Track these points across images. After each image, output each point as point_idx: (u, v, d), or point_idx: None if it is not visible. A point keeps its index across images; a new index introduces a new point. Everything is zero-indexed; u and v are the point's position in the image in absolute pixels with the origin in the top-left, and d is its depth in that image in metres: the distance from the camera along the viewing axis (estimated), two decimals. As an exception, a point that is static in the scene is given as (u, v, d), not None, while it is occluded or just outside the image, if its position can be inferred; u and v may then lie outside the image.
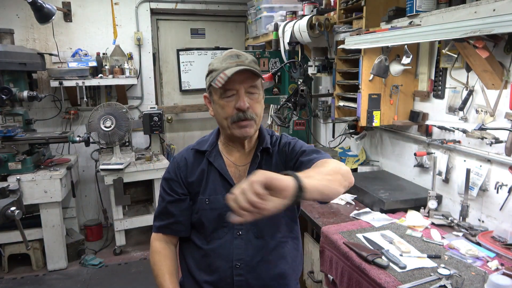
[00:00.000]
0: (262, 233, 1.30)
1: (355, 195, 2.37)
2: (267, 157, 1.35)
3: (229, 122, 1.25)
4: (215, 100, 1.27)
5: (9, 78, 3.23)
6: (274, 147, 1.37)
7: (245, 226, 1.29)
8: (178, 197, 1.34)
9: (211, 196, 1.30)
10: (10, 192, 1.63)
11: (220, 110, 1.25)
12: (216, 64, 1.25)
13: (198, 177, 1.33)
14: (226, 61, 1.23)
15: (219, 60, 1.26)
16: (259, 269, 1.28)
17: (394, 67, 2.17)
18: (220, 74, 1.19)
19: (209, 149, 1.34)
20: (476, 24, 1.41)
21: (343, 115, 2.76)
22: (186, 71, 4.63)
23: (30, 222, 3.29)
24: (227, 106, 1.23)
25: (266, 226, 1.30)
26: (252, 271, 1.28)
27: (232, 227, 1.28)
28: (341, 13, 2.59)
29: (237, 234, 1.28)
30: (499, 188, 1.81)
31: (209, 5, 4.43)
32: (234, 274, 1.27)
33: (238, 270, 1.27)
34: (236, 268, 1.27)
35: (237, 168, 1.34)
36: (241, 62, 1.23)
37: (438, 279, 1.45)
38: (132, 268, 3.42)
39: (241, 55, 1.26)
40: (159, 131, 3.80)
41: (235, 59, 1.23)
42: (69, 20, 3.96)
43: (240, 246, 1.28)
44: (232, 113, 1.23)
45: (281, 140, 1.40)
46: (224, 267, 1.28)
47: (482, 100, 1.87)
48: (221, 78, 1.18)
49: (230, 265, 1.27)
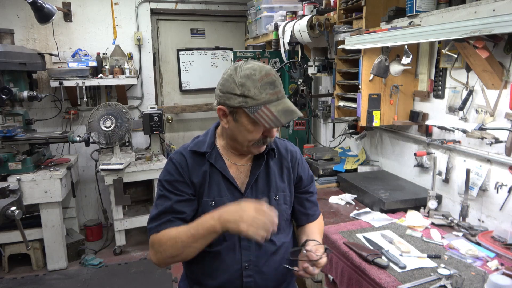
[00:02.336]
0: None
1: (355, 195, 2.37)
2: (270, 158, 1.36)
3: (251, 143, 1.25)
4: (241, 122, 1.20)
5: (9, 78, 3.23)
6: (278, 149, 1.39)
7: None
8: (188, 196, 1.27)
9: (215, 198, 1.28)
10: (10, 192, 1.63)
11: (246, 133, 1.22)
12: (253, 91, 1.15)
13: (201, 179, 1.29)
14: (266, 91, 1.16)
15: (256, 85, 1.16)
16: (266, 269, 1.29)
17: (394, 67, 2.17)
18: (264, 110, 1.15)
19: (208, 151, 1.31)
20: (476, 24, 1.41)
21: (343, 115, 2.76)
22: (186, 71, 4.63)
23: (30, 222, 3.30)
24: (256, 131, 1.21)
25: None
26: (260, 271, 1.28)
27: None
28: (341, 13, 2.59)
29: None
30: (499, 188, 1.81)
31: (209, 5, 4.43)
32: (243, 276, 1.27)
33: (247, 271, 1.27)
34: (245, 269, 1.27)
35: (238, 169, 1.33)
36: (281, 94, 1.19)
37: (438, 279, 1.45)
38: (132, 268, 3.42)
39: (277, 82, 1.19)
40: (159, 131, 3.80)
41: (273, 89, 1.17)
42: (69, 20, 3.96)
43: (248, 247, 1.28)
44: (258, 138, 1.23)
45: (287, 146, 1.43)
46: (233, 269, 1.27)
47: (482, 100, 1.87)
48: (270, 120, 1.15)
49: (239, 266, 1.27)
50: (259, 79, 1.16)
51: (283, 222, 1.35)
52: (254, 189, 1.31)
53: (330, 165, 2.79)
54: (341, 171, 2.73)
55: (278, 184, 1.34)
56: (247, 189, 1.30)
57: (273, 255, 1.31)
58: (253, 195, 1.30)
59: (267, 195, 1.32)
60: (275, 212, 1.13)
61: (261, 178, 1.33)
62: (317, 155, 2.86)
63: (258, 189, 1.32)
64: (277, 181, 1.35)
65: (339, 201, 2.35)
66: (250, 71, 1.17)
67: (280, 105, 1.18)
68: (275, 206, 1.30)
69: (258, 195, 1.31)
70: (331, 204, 2.33)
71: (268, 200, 1.30)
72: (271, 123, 1.16)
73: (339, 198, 2.37)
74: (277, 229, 1.30)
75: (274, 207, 1.27)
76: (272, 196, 1.33)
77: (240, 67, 1.19)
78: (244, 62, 1.22)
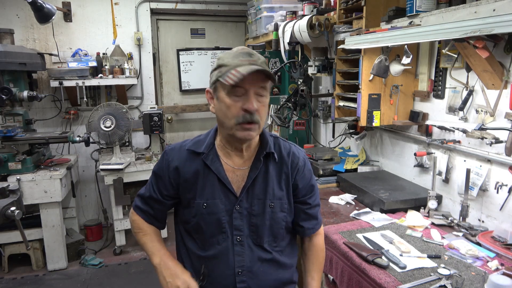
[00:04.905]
0: (261, 241, 1.28)
1: (355, 195, 2.37)
2: (269, 163, 1.30)
3: (233, 122, 1.17)
4: (220, 97, 1.19)
5: (9, 78, 3.23)
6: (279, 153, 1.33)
7: (244, 233, 1.27)
8: (162, 198, 1.34)
9: (208, 200, 1.26)
10: (10, 192, 1.63)
11: (225, 109, 1.18)
12: (227, 60, 1.17)
13: (193, 176, 1.28)
14: (238, 58, 1.17)
15: (230, 55, 1.19)
16: (260, 276, 1.27)
17: (394, 67, 2.17)
18: (231, 71, 1.13)
19: (206, 151, 1.28)
20: (476, 24, 1.41)
21: (343, 115, 2.76)
22: (186, 71, 4.63)
23: (30, 222, 3.29)
24: (234, 106, 1.16)
25: (264, 234, 1.28)
26: (254, 277, 1.27)
27: (231, 233, 1.26)
28: (341, 13, 2.59)
29: (236, 240, 1.26)
30: (499, 188, 1.81)
31: (209, 5, 4.43)
32: (236, 281, 1.25)
33: (241, 277, 1.26)
34: (238, 275, 1.25)
35: (234, 172, 1.29)
36: (253, 61, 1.16)
37: (438, 279, 1.45)
38: (132, 268, 3.42)
39: (254, 54, 1.19)
40: (159, 131, 3.80)
41: (247, 57, 1.17)
42: (69, 20, 3.96)
43: (241, 252, 1.26)
44: (238, 114, 1.16)
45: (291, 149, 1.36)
46: (226, 275, 1.26)
47: (482, 100, 1.87)
48: (233, 75, 1.11)
49: (232, 272, 1.25)
50: (235, 51, 1.21)
51: (280, 230, 1.32)
52: (250, 193, 1.27)
53: (330, 165, 2.79)
54: (341, 171, 2.73)
55: (275, 191, 1.29)
56: (242, 192, 1.26)
57: (267, 262, 1.29)
58: (248, 200, 1.27)
59: (263, 202, 1.27)
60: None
61: (259, 183, 1.28)
62: (317, 155, 2.86)
63: (254, 194, 1.27)
64: (275, 187, 1.29)
65: (339, 201, 2.35)
66: (232, 50, 1.23)
67: (250, 66, 1.14)
68: (269, 213, 1.28)
69: (253, 200, 1.27)
70: (331, 204, 2.34)
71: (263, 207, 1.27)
72: (233, 77, 1.11)
73: (339, 198, 2.37)
74: (273, 238, 1.30)
75: (268, 214, 1.28)
76: (268, 203, 1.28)
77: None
78: None
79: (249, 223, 1.27)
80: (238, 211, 1.26)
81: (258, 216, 1.27)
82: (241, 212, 1.26)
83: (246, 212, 1.27)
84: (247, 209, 1.27)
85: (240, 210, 1.26)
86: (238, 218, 1.26)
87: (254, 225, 1.27)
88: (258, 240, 1.28)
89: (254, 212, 1.27)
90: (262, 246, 1.28)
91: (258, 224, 1.27)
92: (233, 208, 1.26)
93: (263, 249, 1.28)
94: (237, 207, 1.26)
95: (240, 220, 1.26)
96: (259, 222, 1.27)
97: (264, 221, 1.27)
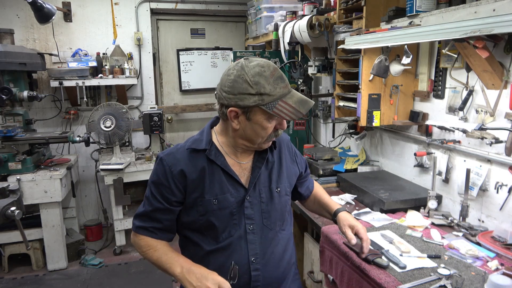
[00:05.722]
0: (274, 225, 1.34)
1: (355, 195, 2.37)
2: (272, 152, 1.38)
3: (263, 140, 1.26)
4: (257, 120, 1.21)
5: (9, 78, 3.23)
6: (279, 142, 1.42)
7: (256, 221, 1.30)
8: (170, 206, 1.28)
9: (218, 196, 1.27)
10: (10, 192, 1.63)
11: (260, 130, 1.23)
12: (268, 87, 1.17)
13: (199, 176, 1.27)
14: (279, 85, 1.18)
15: (267, 81, 1.17)
16: (272, 261, 1.31)
17: (394, 67, 2.17)
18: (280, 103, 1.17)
19: (207, 147, 1.29)
20: (476, 24, 1.41)
21: (343, 115, 2.76)
22: (186, 71, 4.63)
23: (30, 222, 3.30)
24: (271, 127, 1.23)
25: (277, 219, 1.35)
26: (266, 264, 1.29)
27: (244, 224, 1.28)
28: (341, 13, 2.59)
29: (249, 229, 1.29)
30: (499, 188, 1.81)
31: (209, 5, 4.43)
32: (251, 269, 1.27)
33: (255, 265, 1.27)
34: (252, 263, 1.27)
35: (240, 165, 1.33)
36: (288, 85, 1.23)
37: (438, 279, 1.45)
38: (132, 268, 3.42)
39: (283, 74, 1.23)
40: (159, 131, 3.80)
41: (284, 82, 1.20)
42: (69, 20, 3.96)
43: (254, 241, 1.29)
44: (271, 133, 1.26)
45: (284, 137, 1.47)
46: (240, 264, 1.27)
47: (482, 100, 1.87)
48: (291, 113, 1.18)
49: (246, 261, 1.27)
50: (270, 75, 1.18)
51: (286, 214, 1.39)
52: (256, 182, 1.32)
53: (330, 165, 2.79)
54: (341, 171, 2.73)
55: (279, 176, 1.37)
56: (251, 183, 1.31)
57: (277, 247, 1.33)
58: (255, 190, 1.31)
59: (269, 188, 1.34)
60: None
61: (263, 172, 1.34)
62: (317, 155, 2.86)
63: (260, 182, 1.33)
64: (278, 173, 1.37)
65: (339, 201, 2.35)
66: (259, 69, 1.18)
67: (294, 96, 1.21)
68: (277, 198, 1.34)
69: (260, 188, 1.32)
70: (331, 204, 2.33)
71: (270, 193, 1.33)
72: (291, 115, 1.19)
73: (339, 198, 2.37)
74: (281, 220, 1.37)
75: (276, 199, 1.34)
76: (274, 188, 1.34)
77: (246, 66, 1.19)
78: (247, 60, 1.22)
79: (261, 210, 1.31)
80: (248, 200, 1.30)
81: (268, 203, 1.32)
82: (251, 201, 1.30)
83: (256, 200, 1.31)
84: (257, 197, 1.31)
85: (250, 199, 1.30)
86: (249, 208, 1.30)
87: (266, 211, 1.32)
88: (271, 226, 1.33)
89: (263, 199, 1.32)
90: (274, 230, 1.33)
91: (270, 210, 1.32)
92: (244, 199, 1.29)
93: (275, 233, 1.33)
94: (247, 198, 1.29)
95: (251, 209, 1.30)
96: (270, 207, 1.33)
97: (274, 205, 1.33)
